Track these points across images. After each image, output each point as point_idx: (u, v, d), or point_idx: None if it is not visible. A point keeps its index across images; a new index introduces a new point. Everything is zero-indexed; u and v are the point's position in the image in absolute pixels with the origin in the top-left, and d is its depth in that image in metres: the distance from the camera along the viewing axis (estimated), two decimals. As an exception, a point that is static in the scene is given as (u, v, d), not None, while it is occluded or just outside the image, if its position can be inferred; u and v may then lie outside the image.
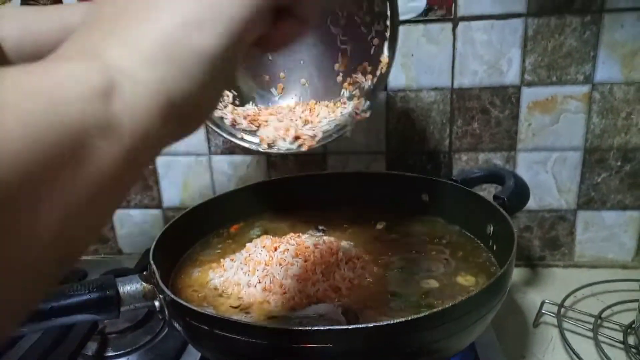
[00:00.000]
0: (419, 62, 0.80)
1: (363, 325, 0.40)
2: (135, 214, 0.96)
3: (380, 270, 0.61)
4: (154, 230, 0.97)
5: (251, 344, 0.42)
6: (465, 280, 0.63)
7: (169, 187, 0.94)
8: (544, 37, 0.77)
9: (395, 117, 0.83)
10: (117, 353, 0.68)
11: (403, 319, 0.41)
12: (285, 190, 0.79)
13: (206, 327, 0.44)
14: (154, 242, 0.55)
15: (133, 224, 0.97)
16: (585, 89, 0.79)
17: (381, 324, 0.40)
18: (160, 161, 0.92)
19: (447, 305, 0.42)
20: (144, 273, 0.53)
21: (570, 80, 0.79)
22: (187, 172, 0.92)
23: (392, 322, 0.40)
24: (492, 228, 0.63)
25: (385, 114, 0.84)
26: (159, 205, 0.95)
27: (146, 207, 0.95)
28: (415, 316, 0.41)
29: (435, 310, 0.42)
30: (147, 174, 0.92)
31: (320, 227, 0.72)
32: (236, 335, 0.42)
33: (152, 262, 0.53)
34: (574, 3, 0.75)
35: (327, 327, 0.40)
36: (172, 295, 0.47)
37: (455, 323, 0.43)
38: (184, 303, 0.45)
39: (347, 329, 0.40)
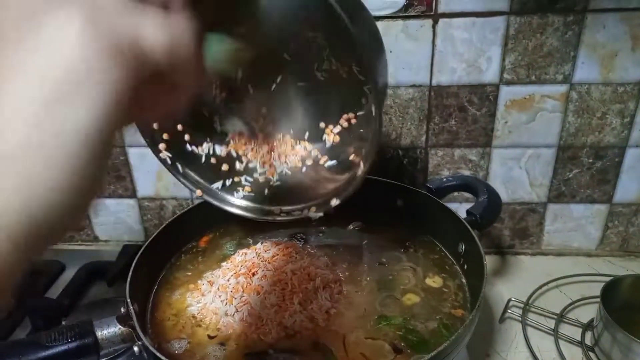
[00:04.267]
0: (398, 58, 0.78)
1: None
2: (111, 203, 0.95)
3: (358, 291, 0.63)
4: (129, 218, 0.96)
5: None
6: (434, 282, 0.66)
7: (142, 177, 0.92)
8: (526, 36, 0.75)
9: (372, 114, 0.82)
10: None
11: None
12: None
13: (186, 382, 0.45)
14: (129, 277, 0.55)
15: (108, 213, 0.96)
16: (563, 88, 0.78)
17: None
18: (133, 153, 0.89)
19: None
20: (122, 310, 0.53)
21: (549, 80, 0.78)
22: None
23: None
24: (464, 247, 0.64)
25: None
26: (133, 195, 0.94)
27: (120, 196, 0.94)
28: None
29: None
30: (119, 165, 0.90)
31: (298, 235, 0.73)
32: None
33: (128, 300, 0.53)
34: (558, 2, 0.72)
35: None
36: (152, 348, 0.47)
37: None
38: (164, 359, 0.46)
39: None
